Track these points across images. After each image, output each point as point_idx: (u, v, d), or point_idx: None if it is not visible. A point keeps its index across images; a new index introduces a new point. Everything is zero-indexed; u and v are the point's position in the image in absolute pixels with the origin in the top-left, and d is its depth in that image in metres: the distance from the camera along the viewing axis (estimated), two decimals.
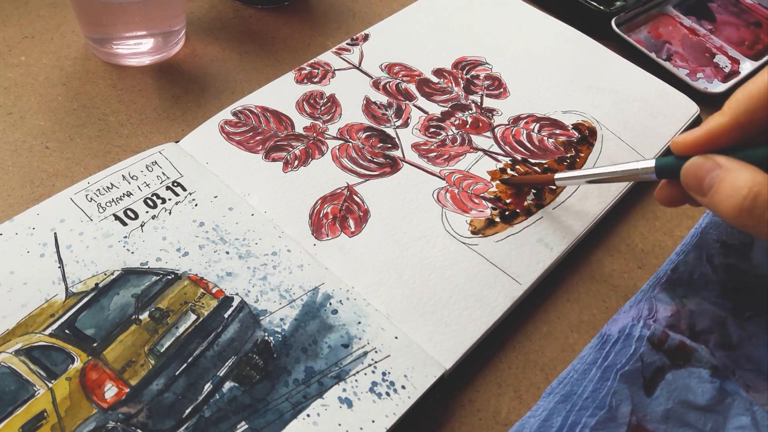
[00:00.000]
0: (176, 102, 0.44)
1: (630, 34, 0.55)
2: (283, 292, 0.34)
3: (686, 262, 0.38)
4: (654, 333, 0.34)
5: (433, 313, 0.35)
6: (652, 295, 0.36)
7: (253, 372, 0.31)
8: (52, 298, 0.32)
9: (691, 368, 0.33)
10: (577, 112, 0.46)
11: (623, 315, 0.36)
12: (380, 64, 0.48)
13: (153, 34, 0.45)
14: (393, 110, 0.45)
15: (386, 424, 0.30)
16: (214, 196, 0.38)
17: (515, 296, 0.36)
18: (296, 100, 0.44)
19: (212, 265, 0.35)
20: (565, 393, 0.32)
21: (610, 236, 0.42)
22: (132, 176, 0.38)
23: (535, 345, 0.36)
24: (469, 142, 0.43)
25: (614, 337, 0.34)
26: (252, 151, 0.41)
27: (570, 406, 0.31)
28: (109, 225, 0.35)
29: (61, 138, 0.41)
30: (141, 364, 0.31)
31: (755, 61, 0.55)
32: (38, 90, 0.43)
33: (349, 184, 0.40)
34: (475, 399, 0.34)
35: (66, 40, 0.47)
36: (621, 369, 0.32)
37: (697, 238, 0.39)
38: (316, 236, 0.37)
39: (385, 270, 0.36)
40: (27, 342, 0.31)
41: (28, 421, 0.28)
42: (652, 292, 0.36)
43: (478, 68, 0.49)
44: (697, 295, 0.36)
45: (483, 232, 0.38)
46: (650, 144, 0.45)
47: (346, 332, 0.33)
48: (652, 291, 0.37)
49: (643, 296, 0.36)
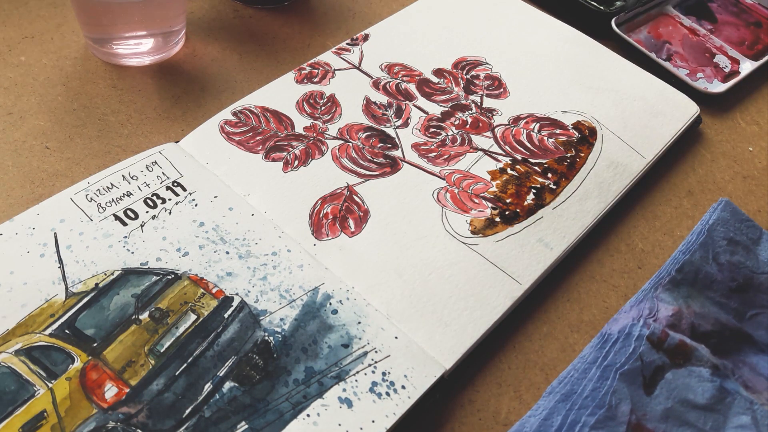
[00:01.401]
0: (176, 102, 0.44)
1: (630, 34, 0.55)
2: (283, 292, 0.34)
3: (692, 261, 0.38)
4: (654, 332, 0.34)
5: (433, 313, 0.35)
6: (654, 294, 0.36)
7: (253, 372, 0.31)
8: (52, 298, 0.32)
9: (691, 367, 0.33)
10: (577, 111, 0.46)
11: (624, 315, 0.36)
12: (380, 64, 0.48)
13: (153, 34, 0.45)
14: (393, 110, 0.45)
15: (386, 424, 0.30)
16: (214, 196, 0.38)
17: (515, 296, 0.36)
18: (296, 100, 0.44)
19: (212, 265, 0.35)
20: (565, 392, 0.32)
21: (610, 236, 0.42)
22: (132, 176, 0.38)
23: (535, 345, 0.36)
24: (469, 142, 0.43)
25: (614, 336, 0.34)
26: (252, 151, 0.41)
27: (570, 404, 0.31)
28: (109, 225, 0.35)
29: (61, 138, 0.41)
30: (141, 364, 0.31)
31: (755, 61, 0.55)
32: (38, 90, 0.43)
33: (349, 184, 0.40)
34: (475, 399, 0.34)
35: (66, 40, 0.47)
36: (620, 368, 0.32)
37: (704, 236, 0.39)
38: (316, 236, 0.37)
39: (385, 270, 0.36)
40: (27, 342, 0.31)
41: (28, 421, 0.28)
42: (654, 292, 0.36)
43: (478, 68, 0.49)
44: (701, 295, 0.36)
45: (483, 232, 0.38)
46: (650, 144, 0.45)
47: (346, 332, 0.33)
48: (654, 291, 0.37)
49: (645, 296, 0.36)
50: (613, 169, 0.43)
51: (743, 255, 0.39)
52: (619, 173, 0.43)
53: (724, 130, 0.50)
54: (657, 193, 0.45)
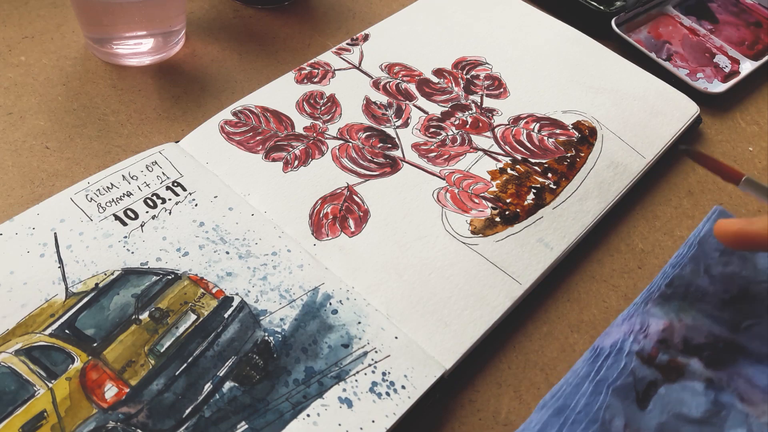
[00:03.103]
0: (176, 102, 0.44)
1: (630, 34, 0.55)
2: (283, 292, 0.34)
3: (682, 276, 0.37)
4: (644, 348, 0.34)
5: (433, 313, 0.35)
6: (644, 310, 0.36)
7: (253, 372, 0.31)
8: (52, 298, 0.32)
9: (684, 382, 0.33)
10: (577, 111, 0.46)
11: (616, 328, 0.35)
12: (380, 64, 0.48)
13: (153, 34, 0.45)
14: (393, 110, 0.45)
15: (386, 424, 0.30)
16: (214, 196, 0.38)
17: (515, 296, 0.36)
18: (296, 100, 0.44)
19: (212, 265, 0.35)
20: (558, 406, 0.32)
21: (610, 236, 0.42)
22: (132, 176, 0.38)
23: (535, 345, 0.36)
24: (469, 142, 0.43)
25: (606, 350, 0.34)
26: (252, 151, 0.41)
27: (563, 419, 0.31)
28: (109, 225, 0.35)
29: (61, 138, 0.41)
30: (141, 364, 0.31)
31: (755, 61, 0.55)
32: (38, 90, 0.43)
33: (349, 184, 0.40)
34: (475, 399, 0.34)
35: (66, 40, 0.47)
36: (612, 384, 0.32)
37: (695, 249, 0.38)
38: (316, 236, 0.37)
39: (385, 270, 0.36)
40: (27, 342, 0.31)
41: (28, 421, 0.28)
42: (645, 307, 0.36)
43: (478, 68, 0.49)
44: (693, 308, 0.36)
45: (483, 232, 0.38)
46: (650, 144, 0.45)
47: (346, 332, 0.33)
48: (645, 306, 0.36)
49: (636, 311, 0.36)
50: (613, 169, 0.43)
51: (738, 265, 0.38)
52: (619, 173, 0.43)
53: (724, 130, 0.50)
54: (657, 193, 0.45)
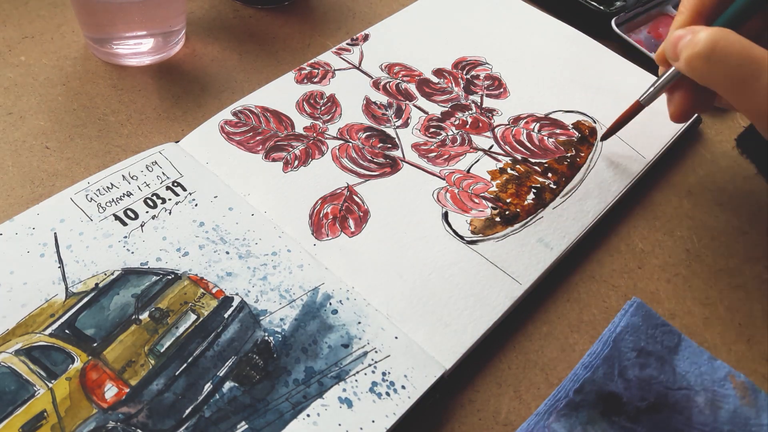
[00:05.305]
0: (176, 102, 0.44)
1: (630, 34, 0.55)
2: (283, 292, 0.34)
3: (593, 380, 0.33)
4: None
5: (433, 313, 0.35)
6: (546, 424, 0.32)
7: (253, 372, 0.31)
8: (52, 298, 0.32)
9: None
10: (577, 111, 0.46)
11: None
12: (380, 64, 0.48)
13: (153, 34, 0.45)
14: (393, 110, 0.45)
15: (386, 424, 0.30)
16: (214, 196, 0.38)
17: (515, 296, 0.36)
18: (296, 100, 0.44)
19: (212, 265, 0.35)
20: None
21: (610, 236, 0.42)
22: (132, 176, 0.38)
23: (535, 345, 0.36)
24: (469, 142, 0.43)
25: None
26: (252, 151, 0.41)
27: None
28: (109, 225, 0.35)
29: (61, 138, 0.41)
30: (141, 364, 0.31)
31: None
32: (38, 90, 0.43)
33: (349, 184, 0.40)
34: (475, 399, 0.34)
35: (66, 40, 0.47)
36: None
37: (609, 348, 0.34)
38: (316, 236, 0.37)
39: (385, 270, 0.36)
40: (27, 342, 0.31)
41: (28, 421, 0.28)
42: (547, 420, 0.32)
43: (478, 68, 0.49)
44: (604, 420, 0.32)
45: (483, 231, 0.38)
46: (650, 144, 0.45)
47: (346, 332, 0.33)
48: (548, 418, 0.32)
49: (536, 424, 0.32)
50: (613, 169, 0.43)
51: (656, 368, 0.34)
52: (619, 173, 0.43)
53: (724, 130, 0.50)
54: (657, 193, 0.45)
